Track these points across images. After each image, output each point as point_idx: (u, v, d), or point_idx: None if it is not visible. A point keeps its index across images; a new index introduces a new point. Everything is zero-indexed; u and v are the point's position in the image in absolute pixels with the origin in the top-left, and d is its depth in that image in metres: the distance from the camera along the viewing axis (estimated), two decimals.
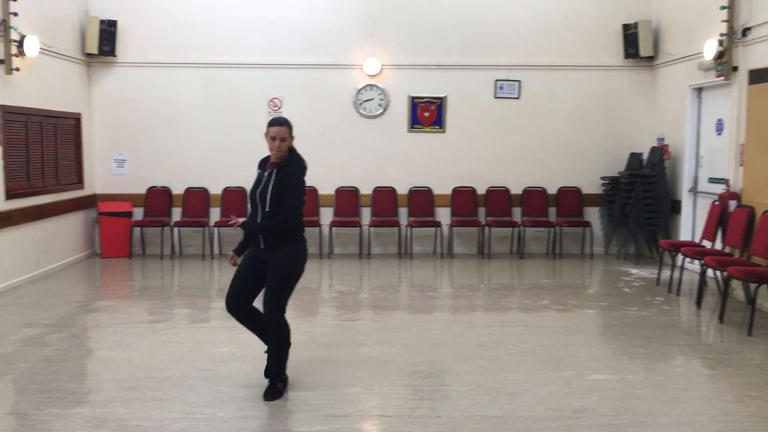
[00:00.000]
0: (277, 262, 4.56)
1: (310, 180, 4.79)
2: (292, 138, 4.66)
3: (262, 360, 4.76)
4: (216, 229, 10.15)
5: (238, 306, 4.69)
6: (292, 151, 4.68)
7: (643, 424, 4.25)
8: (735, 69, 7.81)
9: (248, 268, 4.67)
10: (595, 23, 10.17)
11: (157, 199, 10.15)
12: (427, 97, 10.27)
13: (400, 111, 10.26)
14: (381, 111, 10.25)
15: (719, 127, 8.46)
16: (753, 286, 6.31)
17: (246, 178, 10.07)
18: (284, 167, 4.59)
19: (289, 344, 4.73)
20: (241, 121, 10.11)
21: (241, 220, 4.72)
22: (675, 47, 9.44)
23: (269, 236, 4.58)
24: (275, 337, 4.67)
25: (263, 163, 4.79)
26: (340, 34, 10.11)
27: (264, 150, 4.73)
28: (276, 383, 4.69)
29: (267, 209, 4.55)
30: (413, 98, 10.25)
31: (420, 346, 5.79)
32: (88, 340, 6.20)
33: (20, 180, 8.17)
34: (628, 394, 4.72)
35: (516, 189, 10.35)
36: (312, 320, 6.70)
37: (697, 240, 8.58)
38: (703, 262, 7.07)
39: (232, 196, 10.14)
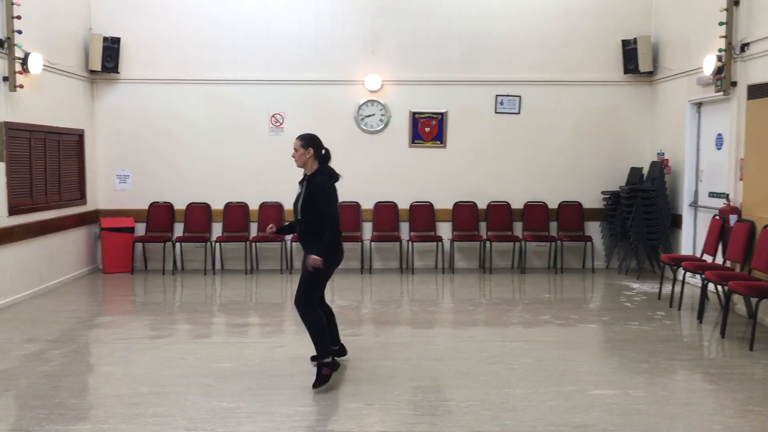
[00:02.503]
0: (303, 263, 5.19)
1: None
2: (307, 151, 5.19)
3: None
4: (218, 244, 10.17)
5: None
6: (322, 162, 5.25)
7: None
8: (734, 84, 7.85)
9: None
10: (595, 39, 10.24)
11: (159, 215, 10.18)
12: (428, 113, 10.32)
13: (401, 126, 10.31)
14: (382, 126, 10.30)
15: (719, 142, 8.50)
16: (754, 300, 6.32)
17: (248, 193, 10.23)
18: (312, 178, 5.17)
19: (319, 331, 5.11)
20: (243, 136, 10.15)
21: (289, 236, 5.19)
22: (674, 62, 9.50)
23: (304, 240, 5.23)
24: (304, 323, 5.20)
25: (303, 178, 5.35)
26: (342, 51, 10.18)
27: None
28: (321, 369, 5.08)
29: (299, 217, 5.20)
30: (414, 113, 10.30)
31: (421, 361, 5.79)
32: (89, 356, 6.21)
33: (23, 196, 8.21)
34: (630, 409, 4.71)
35: (517, 204, 10.38)
36: None
37: (697, 254, 8.59)
38: (704, 276, 7.08)
39: (234, 212, 10.17)
